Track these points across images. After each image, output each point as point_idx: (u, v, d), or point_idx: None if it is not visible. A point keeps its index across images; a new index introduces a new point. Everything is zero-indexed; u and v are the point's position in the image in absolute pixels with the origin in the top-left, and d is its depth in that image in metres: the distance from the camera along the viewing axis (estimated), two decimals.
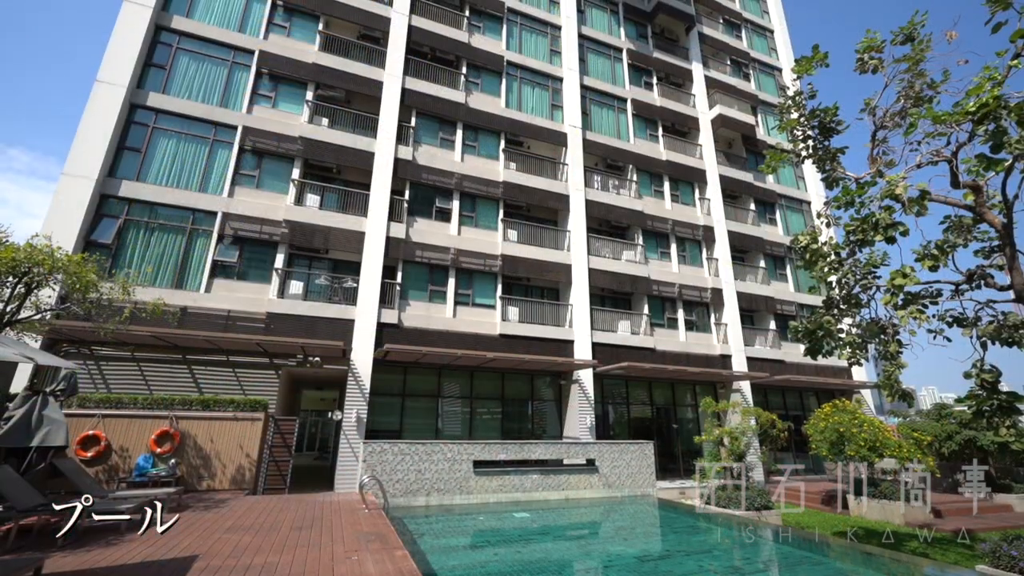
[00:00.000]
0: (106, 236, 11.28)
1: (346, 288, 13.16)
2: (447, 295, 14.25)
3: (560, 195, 16.66)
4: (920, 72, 6.62)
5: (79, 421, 9.21)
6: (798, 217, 22.11)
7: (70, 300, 8.69)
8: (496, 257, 15.02)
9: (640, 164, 18.81)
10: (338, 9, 15.24)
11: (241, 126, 13.15)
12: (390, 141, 14.47)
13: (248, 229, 12.58)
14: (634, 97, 19.68)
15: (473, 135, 16.31)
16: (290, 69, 14.17)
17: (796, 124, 7.89)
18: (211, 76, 13.44)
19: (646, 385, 17.09)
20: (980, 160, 5.24)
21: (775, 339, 18.88)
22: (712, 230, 19.19)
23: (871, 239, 6.00)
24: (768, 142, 22.05)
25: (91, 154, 11.33)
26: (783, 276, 20.71)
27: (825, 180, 7.73)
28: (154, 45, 12.96)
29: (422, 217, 14.67)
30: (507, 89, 17.32)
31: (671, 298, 17.71)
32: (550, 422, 15.35)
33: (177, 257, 11.85)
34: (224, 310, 11.69)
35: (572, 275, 15.81)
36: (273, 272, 12.51)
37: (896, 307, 5.66)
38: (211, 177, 12.69)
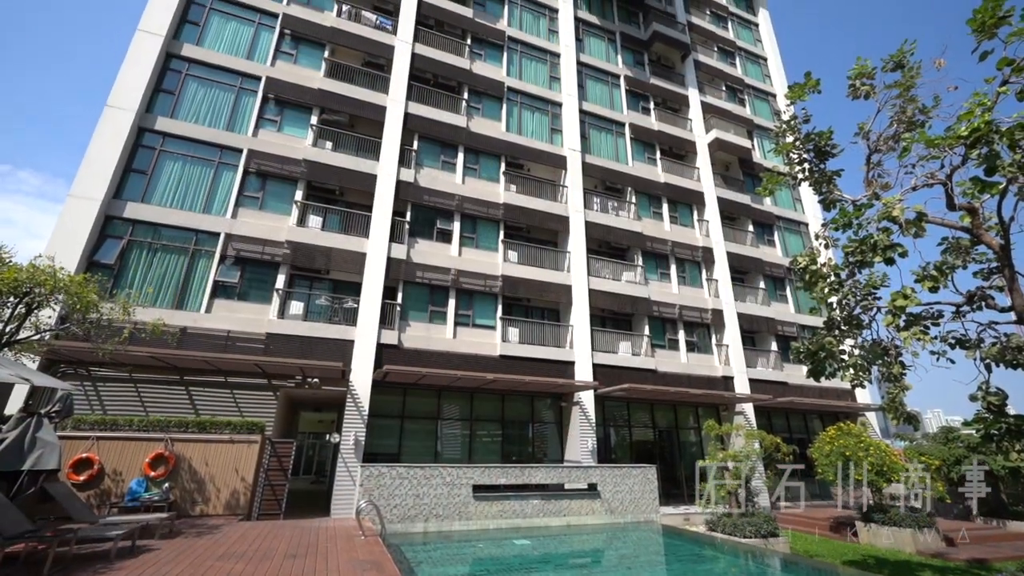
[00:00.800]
0: (109, 257, 11.35)
1: (346, 309, 13.15)
2: (447, 316, 14.22)
3: (560, 216, 16.81)
4: (911, 98, 6.77)
5: (73, 443, 9.07)
6: (796, 238, 22.25)
7: (70, 320, 8.67)
8: (496, 278, 15.06)
9: (639, 186, 19.05)
10: (344, 38, 15.71)
11: (246, 149, 13.38)
12: (392, 164, 14.70)
13: (250, 250, 12.66)
14: (632, 121, 20.07)
15: (474, 158, 16.57)
16: (296, 94, 14.51)
17: (791, 148, 8.02)
18: (219, 101, 13.76)
19: (648, 407, 16.88)
20: (975, 183, 5.31)
21: (777, 361, 18.74)
22: (711, 251, 19.28)
23: (870, 260, 6.03)
24: (765, 165, 22.37)
25: (98, 176, 11.50)
26: (783, 297, 20.71)
27: (822, 202, 7.81)
28: (164, 72, 13.30)
29: (423, 238, 14.78)
30: (507, 114, 17.69)
31: (672, 319, 17.67)
32: (551, 445, 15.10)
33: (179, 278, 11.89)
34: (224, 331, 11.65)
35: (572, 296, 15.82)
36: (274, 293, 12.53)
37: (898, 328, 5.64)
38: (215, 199, 12.84)
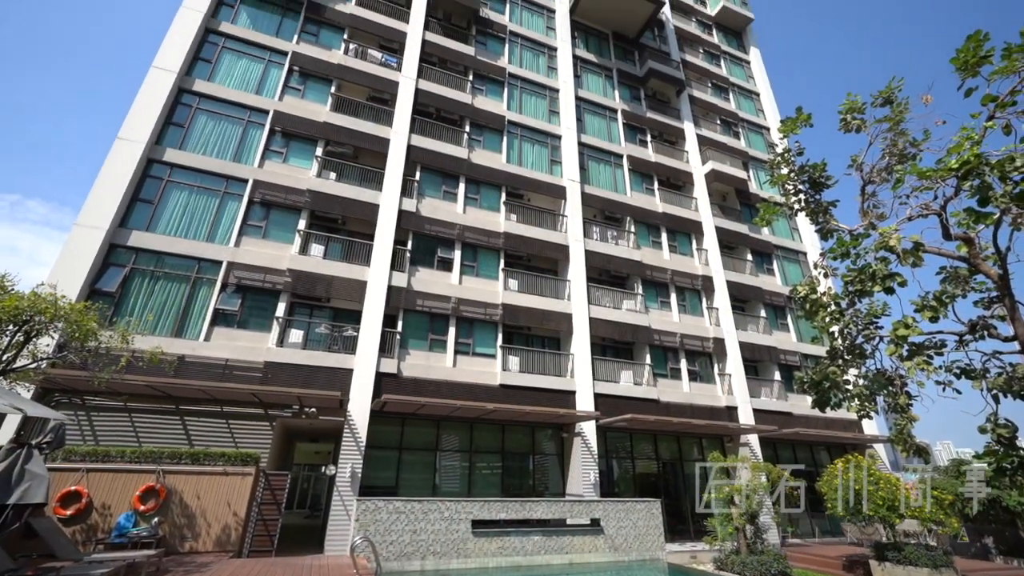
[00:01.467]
0: (111, 284, 11.39)
1: (346, 337, 13.09)
2: (447, 344, 14.14)
3: (560, 245, 16.96)
4: (902, 131, 6.94)
5: (62, 476, 8.85)
6: (795, 267, 22.37)
7: (68, 349, 8.62)
8: (497, 306, 15.06)
9: (637, 216, 19.31)
10: (350, 74, 16.28)
11: (252, 179, 13.64)
12: (395, 194, 14.95)
13: (251, 278, 12.71)
14: (630, 153, 20.54)
15: (475, 188, 16.88)
16: (302, 127, 14.91)
17: (786, 179, 8.17)
18: (227, 133, 14.12)
19: (651, 438, 16.55)
20: (969, 214, 5.38)
21: (781, 390, 18.50)
22: (711, 280, 19.35)
23: (870, 289, 6.04)
24: (761, 195, 22.75)
25: (105, 206, 11.68)
26: (784, 326, 20.63)
27: (819, 232, 7.89)
28: (175, 105, 13.71)
29: (424, 266, 14.87)
30: (508, 146, 18.12)
31: (673, 348, 17.55)
32: (552, 478, 14.72)
33: (179, 306, 11.89)
34: (222, 359, 11.56)
35: (573, 324, 15.77)
36: (274, 321, 12.50)
37: (901, 358, 5.59)
38: (219, 228, 13.00)
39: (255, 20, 15.82)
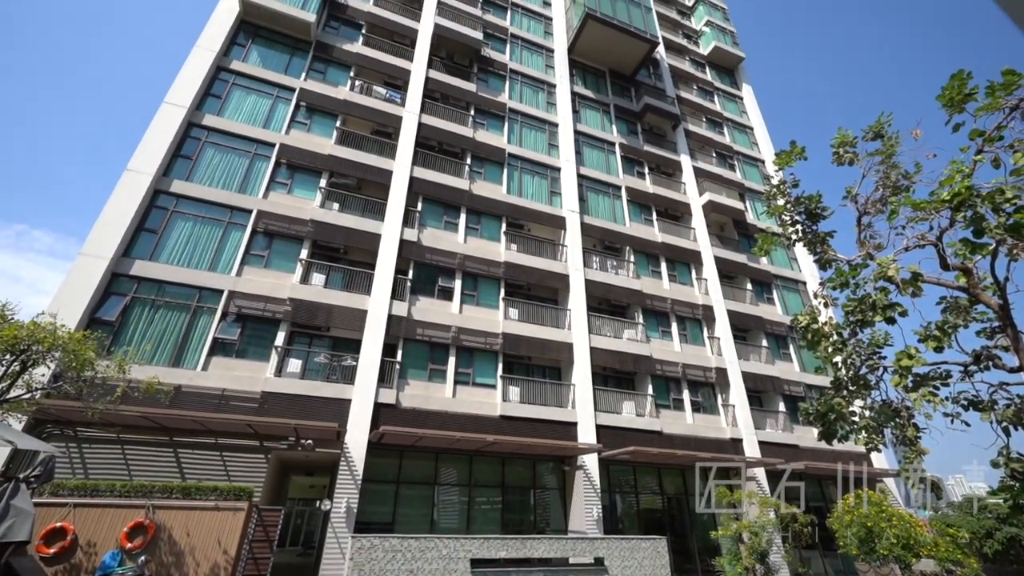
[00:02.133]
0: (111, 314, 11.39)
1: (345, 366, 12.98)
2: (447, 374, 13.99)
3: (560, 275, 17.04)
4: (894, 164, 7.10)
5: (48, 511, 8.57)
6: (795, 297, 22.38)
7: (63, 379, 8.54)
8: (497, 335, 14.99)
9: (636, 246, 19.49)
10: (355, 109, 16.79)
11: (256, 210, 13.84)
12: (397, 224, 15.14)
13: (252, 307, 12.71)
14: (628, 185, 20.93)
15: (476, 218, 17.10)
16: (307, 160, 15.26)
17: (783, 210, 8.28)
18: (233, 165, 14.43)
19: (655, 472, 16.12)
20: (965, 244, 5.43)
21: (786, 422, 18.16)
22: (711, 309, 19.33)
23: (871, 319, 6.02)
24: (758, 226, 23.02)
25: (110, 235, 11.81)
26: (787, 356, 20.46)
27: (817, 262, 7.94)
28: (184, 139, 14.06)
29: (424, 295, 14.89)
30: (508, 177, 18.49)
31: (675, 378, 17.35)
32: (553, 513, 14.25)
33: (178, 335, 11.84)
34: (219, 389, 11.42)
35: (574, 354, 15.65)
36: (272, 350, 12.42)
37: (907, 389, 5.52)
38: (221, 257, 13.09)
39: (265, 58, 16.45)
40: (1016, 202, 4.98)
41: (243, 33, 16.43)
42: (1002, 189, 5.08)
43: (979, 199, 5.23)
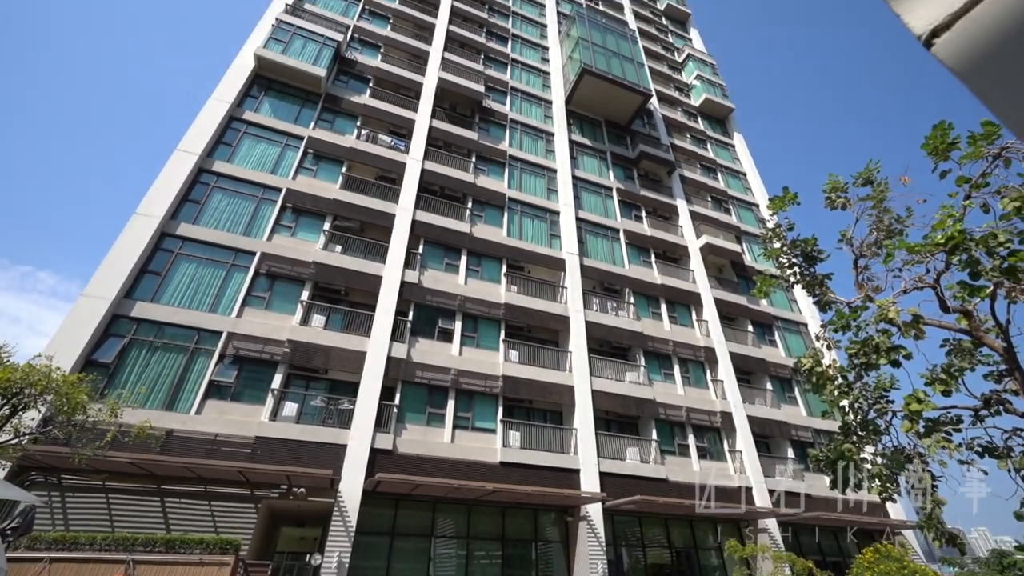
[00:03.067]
0: (108, 355, 11.27)
1: (341, 410, 12.69)
2: (446, 418, 13.67)
3: (560, 316, 17.02)
4: (885, 209, 7.27)
5: (22, 567, 8.11)
6: (797, 339, 22.25)
7: (53, 423, 8.32)
8: (497, 378, 14.77)
9: (636, 288, 19.59)
10: (361, 156, 17.39)
11: (260, 252, 14.01)
12: (398, 266, 15.29)
13: (250, 349, 12.60)
14: (626, 228, 21.32)
15: (476, 260, 17.30)
16: (312, 204, 15.63)
17: (780, 253, 8.40)
18: (240, 209, 14.75)
19: (662, 523, 15.40)
20: (962, 287, 5.46)
21: (796, 469, 17.54)
22: (713, 351, 19.16)
23: (875, 362, 5.96)
24: (756, 268, 23.26)
25: (113, 277, 11.88)
26: (793, 400, 20.08)
27: (817, 304, 7.96)
28: (194, 184, 14.46)
29: (424, 337, 14.80)
30: (508, 221, 18.87)
31: (679, 422, 16.94)
32: (556, 568, 13.47)
33: (174, 377, 11.66)
34: (212, 434, 11.11)
35: (575, 397, 15.36)
36: (269, 393, 12.19)
37: (918, 435, 5.37)
38: (223, 298, 13.12)
39: (276, 109, 17.21)
40: (1009, 246, 5.06)
41: (257, 86, 17.27)
42: (994, 233, 5.17)
43: (972, 243, 5.31)
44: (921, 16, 0.66)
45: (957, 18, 0.62)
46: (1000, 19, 0.59)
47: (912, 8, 0.67)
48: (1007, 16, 0.59)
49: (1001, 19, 0.59)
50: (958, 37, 0.62)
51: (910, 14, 0.67)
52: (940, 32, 0.64)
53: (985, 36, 0.60)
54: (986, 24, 0.60)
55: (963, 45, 0.61)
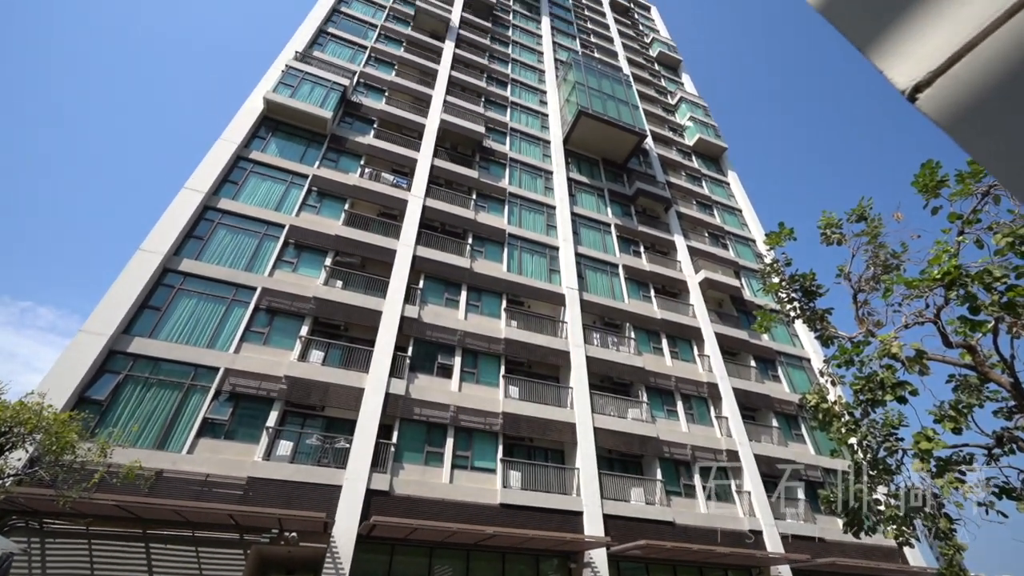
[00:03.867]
0: (102, 392, 11.09)
1: (337, 449, 12.37)
2: (444, 457, 13.30)
3: (561, 351, 16.89)
4: (881, 244, 7.38)
5: None
6: (800, 374, 21.99)
7: (39, 463, 8.09)
8: (497, 415, 14.48)
9: (636, 322, 19.54)
10: (364, 194, 17.77)
11: (260, 287, 14.06)
12: (398, 301, 15.31)
13: (247, 385, 12.42)
14: (625, 263, 21.51)
15: (476, 295, 17.34)
16: (314, 240, 15.82)
17: (778, 287, 8.45)
18: (243, 245, 14.92)
19: (670, 570, 14.68)
20: (963, 322, 5.47)
21: (807, 511, 16.92)
22: (717, 387, 18.89)
23: (881, 399, 5.88)
24: (756, 302, 23.28)
25: (113, 313, 11.86)
26: (800, 437, 19.62)
27: (819, 339, 7.94)
28: (199, 221, 14.68)
29: (423, 373, 14.62)
30: (508, 256, 19.06)
31: (685, 461, 16.47)
32: None
33: (167, 414, 11.43)
34: (203, 474, 10.77)
35: (577, 434, 15.01)
36: (263, 431, 11.92)
37: (931, 474, 5.23)
38: (221, 334, 13.05)
39: (283, 149, 17.73)
40: (1006, 281, 5.10)
41: (265, 127, 17.87)
42: (990, 269, 5.22)
43: (969, 278, 5.36)
44: (903, 73, 0.70)
45: (937, 75, 0.66)
46: (979, 77, 0.63)
47: (894, 65, 0.72)
48: (986, 74, 0.62)
49: (980, 77, 0.63)
50: (939, 93, 0.66)
51: (892, 70, 0.72)
52: (922, 88, 0.68)
53: (966, 92, 0.63)
54: (966, 81, 0.64)
55: (945, 100, 0.65)
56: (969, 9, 0.63)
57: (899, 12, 0.73)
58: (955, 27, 0.65)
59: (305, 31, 21.52)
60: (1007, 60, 0.61)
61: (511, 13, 33.98)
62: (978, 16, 0.62)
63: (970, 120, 0.64)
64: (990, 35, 0.62)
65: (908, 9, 0.72)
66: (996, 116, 0.62)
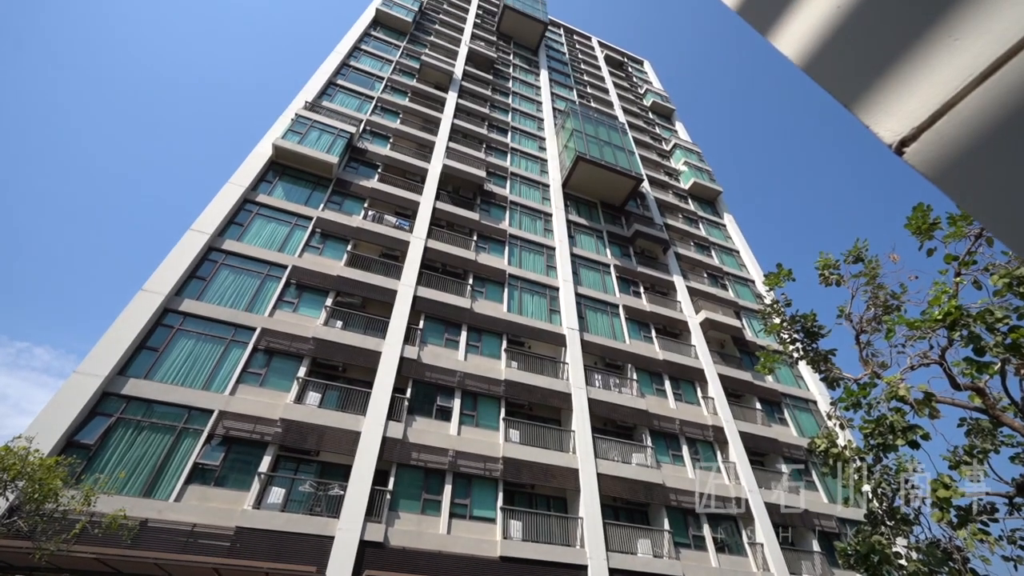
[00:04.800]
0: (91, 436, 10.80)
1: (331, 496, 11.89)
2: (442, 505, 12.77)
3: (562, 394, 16.59)
4: (880, 285, 7.42)
5: None
6: (807, 417, 21.49)
7: (19, 512, 7.76)
8: (497, 460, 14.03)
9: (638, 363, 19.31)
10: (366, 235, 18.07)
11: (260, 328, 14.00)
12: (398, 341, 15.20)
13: (240, 428, 12.11)
14: (625, 304, 21.53)
15: (476, 336, 17.24)
16: (316, 280, 15.93)
17: (780, 328, 8.42)
18: (245, 286, 14.99)
19: None
20: (969, 364, 5.41)
21: (824, 565, 16.02)
22: (722, 430, 18.40)
23: (892, 443, 5.72)
24: (758, 343, 23.10)
25: (110, 353, 11.74)
26: (812, 484, 18.90)
27: (824, 380, 7.82)
28: (202, 261, 14.83)
29: (422, 416, 14.30)
30: (509, 296, 19.11)
31: (693, 510, 15.78)
32: None
33: (157, 459, 11.07)
34: (189, 524, 10.30)
35: (580, 481, 14.47)
36: (255, 477, 11.50)
37: (951, 525, 4.99)
38: (218, 375, 12.87)
39: (288, 192, 18.19)
40: (1008, 322, 5.09)
41: (272, 171, 18.42)
42: (991, 310, 5.23)
43: (971, 319, 5.35)
44: (889, 128, 0.74)
45: (922, 131, 0.69)
46: (962, 132, 0.66)
47: (879, 121, 0.75)
48: (968, 130, 0.65)
49: (963, 132, 0.66)
50: (925, 148, 0.69)
51: (878, 126, 0.75)
52: (908, 142, 0.71)
53: (950, 146, 0.67)
54: (950, 136, 0.67)
55: (931, 155, 0.68)
56: (946, 71, 0.68)
57: (880, 72, 0.78)
58: (935, 87, 0.69)
59: (316, 82, 22.64)
60: (987, 117, 0.64)
61: (511, 66, 35.87)
62: (956, 77, 0.66)
63: (956, 173, 0.66)
64: (969, 93, 0.66)
65: (889, 69, 0.77)
66: (980, 169, 0.65)
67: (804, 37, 0.95)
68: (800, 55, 0.96)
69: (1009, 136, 0.61)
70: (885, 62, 0.77)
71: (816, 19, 0.92)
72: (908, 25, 0.73)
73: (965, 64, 0.67)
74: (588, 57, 45.37)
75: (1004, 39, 0.62)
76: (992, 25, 0.63)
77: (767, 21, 1.06)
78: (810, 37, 0.94)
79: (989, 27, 0.63)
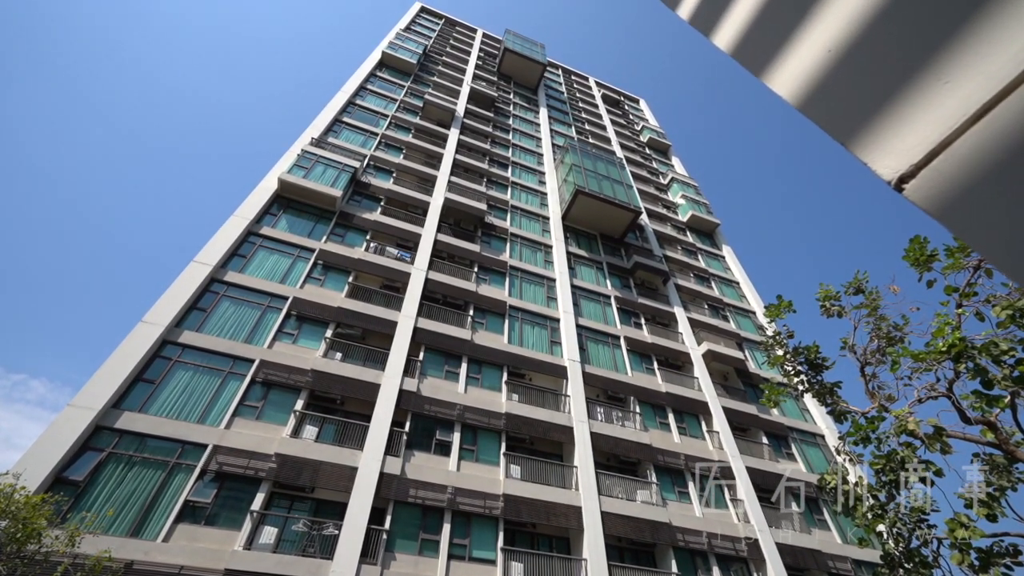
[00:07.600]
0: (80, 472, 10.50)
1: (325, 536, 11.44)
2: (440, 545, 12.26)
3: (564, 427, 16.24)
4: (882, 316, 7.40)
5: None
6: (815, 451, 20.95)
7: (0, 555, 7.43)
8: (497, 497, 13.58)
9: (641, 396, 19.01)
10: (368, 267, 18.18)
11: (259, 360, 13.86)
12: (397, 373, 15.02)
13: (234, 464, 11.79)
14: (626, 335, 21.41)
15: (477, 368, 17.05)
16: (316, 312, 15.90)
17: (783, 360, 8.34)
18: (245, 317, 14.96)
19: None
20: (978, 397, 5.32)
21: None
22: (730, 468, 17.90)
23: (905, 480, 5.55)
24: (762, 375, 22.81)
25: (106, 386, 11.58)
26: (823, 523, 18.21)
27: (831, 414, 7.68)
28: (204, 293, 14.85)
29: (420, 450, 13.95)
30: (509, 328, 19.02)
31: (701, 551, 15.14)
32: None
33: (147, 496, 10.72)
34: (177, 566, 9.86)
35: (583, 520, 13.95)
36: (247, 516, 11.10)
37: (973, 568, 4.77)
38: (214, 408, 12.65)
39: (292, 225, 18.44)
40: (1014, 354, 5.04)
41: (277, 205, 18.74)
42: (995, 342, 5.19)
43: (976, 351, 5.30)
44: (887, 165, 0.76)
45: (920, 168, 0.71)
46: (960, 169, 0.67)
47: (877, 159, 0.77)
48: (967, 167, 0.67)
49: (961, 169, 0.67)
50: (924, 184, 0.70)
51: (876, 163, 0.77)
52: (907, 179, 0.73)
53: (949, 183, 0.68)
54: (948, 173, 0.68)
55: (930, 191, 0.70)
56: (940, 111, 0.70)
57: (875, 112, 0.81)
58: (930, 126, 0.71)
59: (322, 120, 23.36)
60: (985, 154, 0.66)
61: (511, 104, 37.13)
62: (951, 117, 0.69)
63: (956, 208, 0.68)
64: (966, 131, 0.68)
65: (883, 110, 0.79)
66: (980, 205, 0.66)
67: (798, 79, 0.99)
68: (795, 96, 1.00)
69: (1008, 172, 0.62)
70: (879, 103, 0.80)
71: (808, 62, 0.96)
72: (899, 69, 0.76)
73: (958, 105, 0.69)
74: (586, 96, 47.01)
75: (994, 81, 0.64)
76: (982, 68, 0.65)
77: (761, 64, 1.10)
78: (803, 79, 0.98)
79: (979, 70, 0.66)
